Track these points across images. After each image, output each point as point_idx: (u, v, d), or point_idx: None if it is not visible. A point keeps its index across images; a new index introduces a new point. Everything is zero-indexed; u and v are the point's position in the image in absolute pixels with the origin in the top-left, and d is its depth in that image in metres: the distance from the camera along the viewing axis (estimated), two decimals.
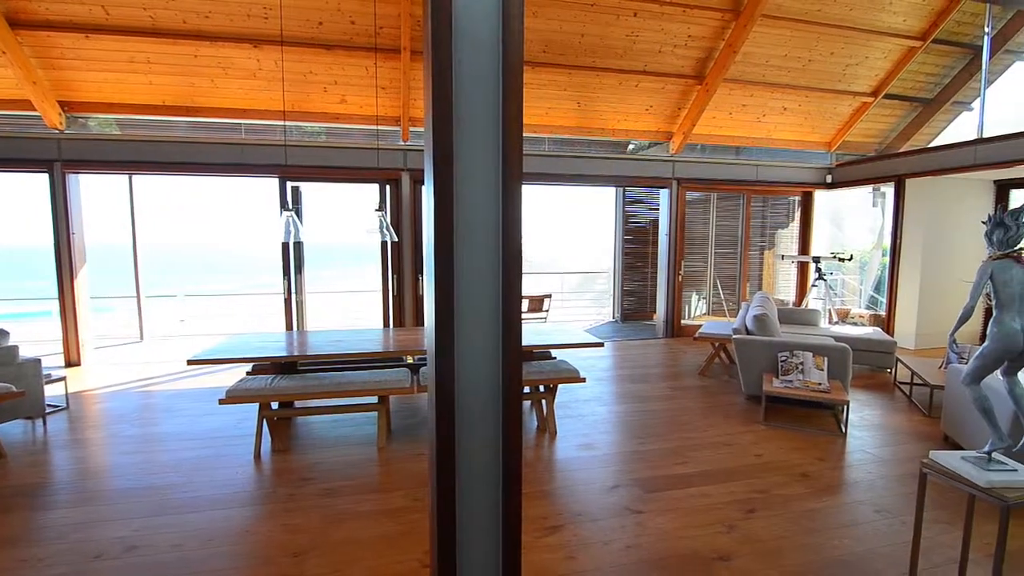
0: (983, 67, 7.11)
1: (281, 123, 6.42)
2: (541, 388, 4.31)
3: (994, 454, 2.01)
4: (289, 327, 6.60)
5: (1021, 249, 2.04)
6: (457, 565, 1.41)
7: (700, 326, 6.48)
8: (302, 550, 2.59)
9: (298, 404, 4.44)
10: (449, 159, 1.23)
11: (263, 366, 4.30)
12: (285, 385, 3.78)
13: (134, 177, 7.26)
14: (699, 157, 8.11)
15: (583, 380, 4.26)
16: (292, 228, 4.01)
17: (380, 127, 6.80)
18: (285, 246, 6.40)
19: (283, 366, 4.21)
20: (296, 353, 3.93)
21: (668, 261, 8.05)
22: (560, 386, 4.76)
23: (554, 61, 6.55)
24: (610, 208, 9.57)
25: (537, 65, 6.51)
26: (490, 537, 1.44)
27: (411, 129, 6.78)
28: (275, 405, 4.01)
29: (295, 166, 6.39)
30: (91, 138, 6.03)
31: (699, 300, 8.84)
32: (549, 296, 8.32)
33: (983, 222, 2.14)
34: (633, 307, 9.53)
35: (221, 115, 6.31)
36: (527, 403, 4.72)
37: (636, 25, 6.36)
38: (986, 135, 6.52)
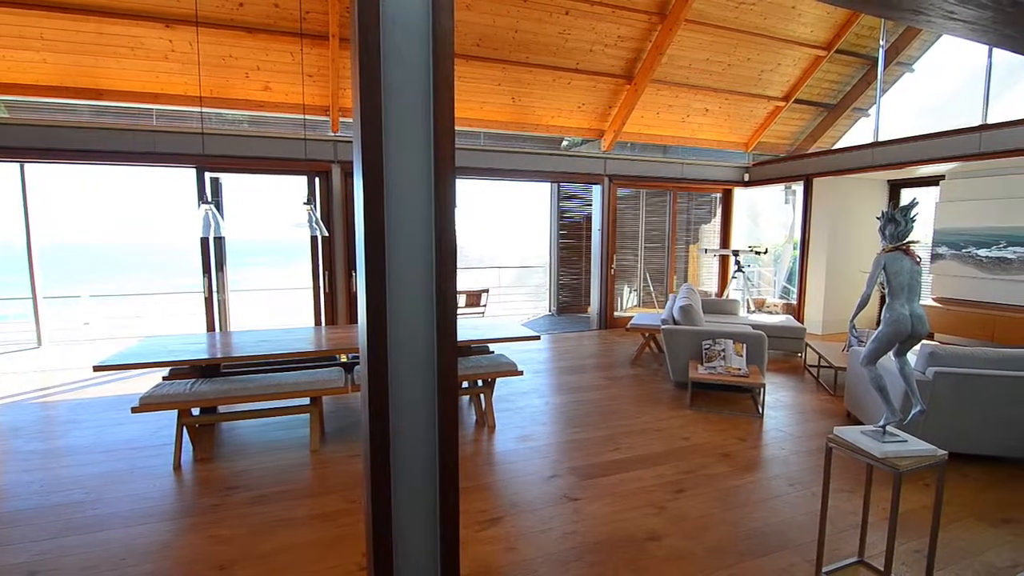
0: (879, 77, 7.81)
1: (198, 109, 6.00)
2: (479, 383, 4.32)
3: (888, 427, 2.23)
4: (211, 328, 6.22)
5: (910, 242, 2.26)
6: (394, 565, 1.39)
7: (631, 317, 6.72)
8: (229, 562, 2.46)
9: (222, 409, 4.19)
10: (379, 151, 1.20)
11: (182, 370, 4.03)
12: (207, 389, 3.56)
13: (27, 166, 6.54)
14: (629, 155, 8.39)
15: (521, 373, 4.32)
16: (212, 222, 3.77)
17: (308, 117, 6.52)
18: (204, 241, 6.01)
19: (204, 369, 3.96)
20: (219, 355, 3.70)
21: (601, 255, 8.28)
22: (498, 380, 4.80)
23: (488, 55, 6.54)
24: (545, 203, 9.72)
25: (471, 58, 6.48)
26: (428, 534, 1.43)
27: (341, 120, 6.55)
28: (196, 411, 3.77)
29: (214, 156, 6.00)
30: None
31: (630, 292, 9.17)
32: (486, 291, 8.34)
33: (877, 218, 2.35)
34: (568, 300, 9.74)
35: (129, 99, 5.81)
36: (466, 398, 4.71)
37: (568, 23, 6.46)
38: (881, 139, 7.18)
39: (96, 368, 3.32)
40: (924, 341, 3.51)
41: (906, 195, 8.10)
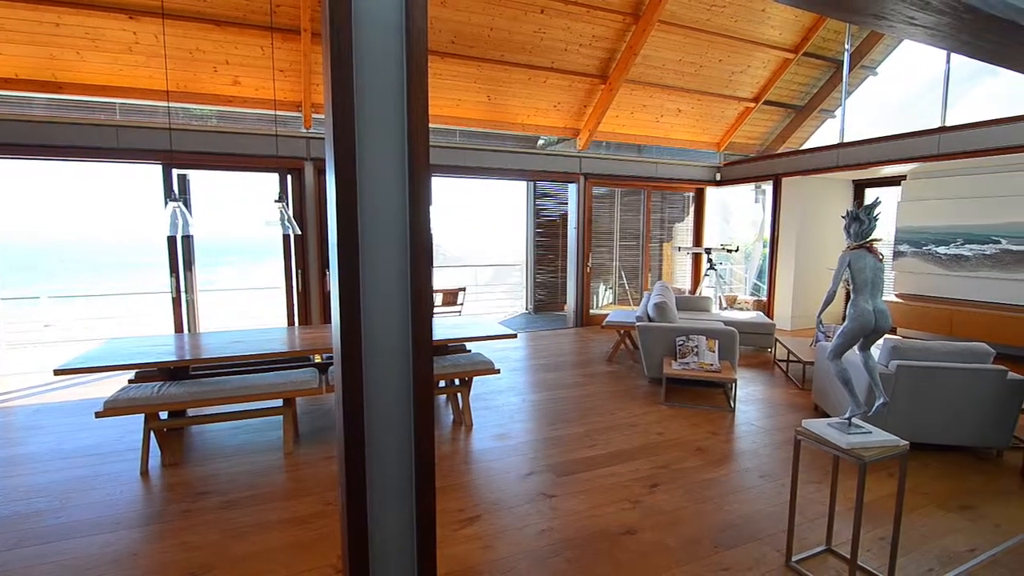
0: (844, 80, 8.05)
1: (164, 104, 5.82)
2: (456, 381, 4.31)
3: (853, 419, 2.31)
4: (179, 329, 6.05)
5: (873, 240, 2.33)
6: (371, 567, 1.38)
7: (607, 315, 6.78)
8: (201, 568, 2.40)
9: (192, 412, 4.09)
10: (352, 148, 1.18)
11: (149, 373, 3.91)
12: (176, 392, 3.47)
13: None
14: (604, 154, 8.46)
15: (498, 371, 4.32)
16: (180, 220, 3.67)
17: (279, 113, 6.39)
18: (172, 240, 5.85)
19: (173, 372, 3.85)
20: (188, 357, 3.61)
21: (577, 253, 8.34)
22: (476, 378, 4.79)
23: (464, 53, 6.51)
24: (521, 202, 9.73)
25: (447, 55, 6.44)
26: (405, 535, 1.42)
27: (314, 116, 6.44)
28: (164, 415, 3.67)
29: (182, 152, 5.83)
30: None
31: (606, 290, 9.26)
32: (463, 289, 8.31)
33: (842, 217, 2.42)
34: (545, 298, 9.78)
35: (90, 93, 5.60)
36: (443, 397, 4.69)
37: (543, 22, 6.48)
38: (846, 140, 7.39)
39: (57, 372, 3.20)
40: (887, 335, 3.64)
41: (870, 194, 8.37)
